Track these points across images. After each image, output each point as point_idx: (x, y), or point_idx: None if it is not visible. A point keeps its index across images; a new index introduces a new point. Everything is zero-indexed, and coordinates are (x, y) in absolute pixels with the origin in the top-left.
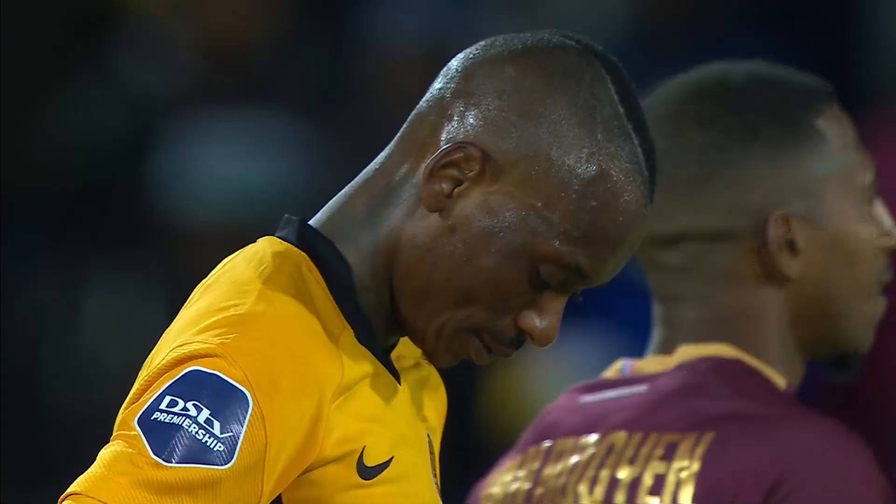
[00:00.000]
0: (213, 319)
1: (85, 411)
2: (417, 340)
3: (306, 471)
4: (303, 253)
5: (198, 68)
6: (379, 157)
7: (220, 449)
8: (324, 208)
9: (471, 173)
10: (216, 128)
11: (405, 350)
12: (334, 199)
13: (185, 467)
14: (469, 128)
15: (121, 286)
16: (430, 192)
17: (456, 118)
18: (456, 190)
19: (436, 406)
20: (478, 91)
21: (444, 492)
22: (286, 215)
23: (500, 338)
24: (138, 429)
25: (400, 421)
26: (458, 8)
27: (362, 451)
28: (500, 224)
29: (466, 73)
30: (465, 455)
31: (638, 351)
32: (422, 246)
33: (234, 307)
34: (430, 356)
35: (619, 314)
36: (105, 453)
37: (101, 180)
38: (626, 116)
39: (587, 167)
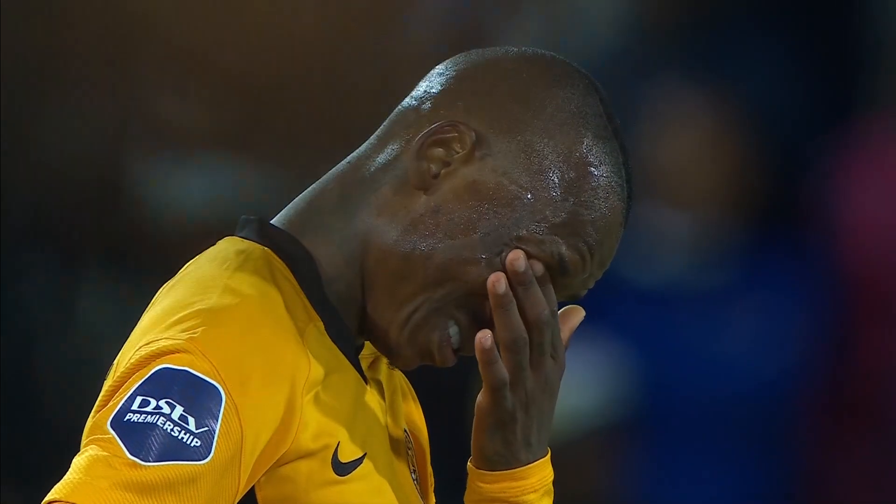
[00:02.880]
0: (179, 315)
1: (79, 414)
2: (381, 334)
3: (279, 464)
4: (266, 248)
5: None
6: (350, 155)
7: (198, 444)
8: (289, 206)
9: (459, 153)
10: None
11: (371, 351)
12: (300, 196)
13: (163, 465)
14: (460, 110)
15: (114, 289)
16: (418, 169)
17: (444, 104)
18: (443, 171)
19: (414, 405)
20: (469, 80)
21: (443, 494)
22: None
23: (469, 317)
24: (112, 431)
25: (370, 417)
26: (466, 6)
27: (337, 447)
28: (486, 206)
29: (458, 71)
30: (461, 459)
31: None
32: (402, 226)
33: (200, 302)
34: (392, 352)
35: (617, 318)
36: (80, 459)
37: (95, 184)
38: (614, 134)
39: (576, 163)
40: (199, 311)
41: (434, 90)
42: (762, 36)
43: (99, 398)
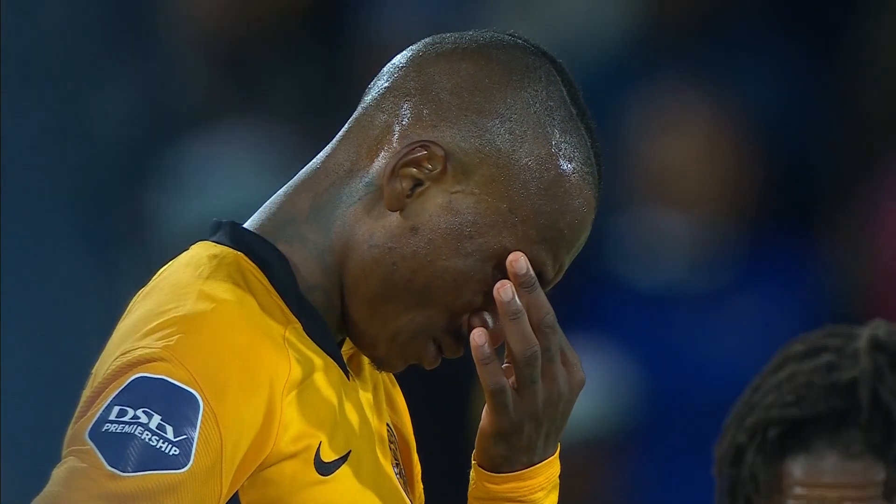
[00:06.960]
0: (155, 323)
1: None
2: (367, 346)
3: (262, 468)
4: (239, 253)
5: (203, 77)
6: (319, 156)
7: (176, 453)
8: (260, 209)
9: (432, 172)
10: (219, 137)
11: (352, 346)
12: (271, 199)
13: (142, 475)
14: (428, 126)
15: (120, 294)
16: (392, 192)
17: (411, 116)
18: (417, 189)
19: (398, 398)
20: (434, 88)
21: (439, 492)
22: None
23: (453, 335)
24: (90, 443)
25: (353, 415)
26: (458, 10)
27: (319, 447)
28: (465, 226)
29: (419, 69)
30: (460, 461)
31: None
32: (380, 246)
33: (175, 309)
34: (379, 362)
35: (616, 321)
36: (58, 471)
37: (104, 185)
38: (578, 118)
39: (548, 169)
40: (175, 318)
41: (397, 95)
42: (762, 38)
43: (78, 408)
